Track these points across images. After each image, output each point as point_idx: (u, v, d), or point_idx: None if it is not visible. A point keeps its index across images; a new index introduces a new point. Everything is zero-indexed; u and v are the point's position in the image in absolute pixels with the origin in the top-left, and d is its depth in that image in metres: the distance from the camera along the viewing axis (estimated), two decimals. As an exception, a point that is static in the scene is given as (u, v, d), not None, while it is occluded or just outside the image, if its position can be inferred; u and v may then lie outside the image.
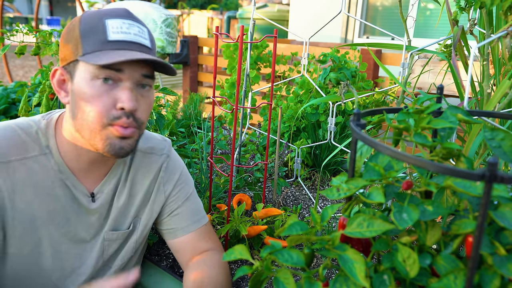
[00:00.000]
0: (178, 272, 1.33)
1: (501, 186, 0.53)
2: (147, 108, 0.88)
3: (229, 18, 7.35)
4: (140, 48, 0.84)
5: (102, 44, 0.81)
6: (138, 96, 0.85)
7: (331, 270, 1.36)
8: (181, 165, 1.11)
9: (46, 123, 0.91)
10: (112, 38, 0.82)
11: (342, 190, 0.60)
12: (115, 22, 0.83)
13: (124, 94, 0.82)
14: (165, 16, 3.68)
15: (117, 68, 0.81)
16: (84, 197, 0.94)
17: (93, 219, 0.97)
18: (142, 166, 1.03)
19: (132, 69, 0.83)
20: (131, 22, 0.85)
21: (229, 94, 2.59)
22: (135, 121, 0.85)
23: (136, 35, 0.84)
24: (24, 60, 9.40)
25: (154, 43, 0.91)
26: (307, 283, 0.58)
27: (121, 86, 0.83)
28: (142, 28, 0.87)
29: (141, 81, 0.86)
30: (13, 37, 1.86)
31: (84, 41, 0.82)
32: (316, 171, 2.32)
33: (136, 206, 1.03)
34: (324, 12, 4.93)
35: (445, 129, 0.66)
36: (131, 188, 1.01)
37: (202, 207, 1.15)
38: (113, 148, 0.84)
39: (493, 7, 1.14)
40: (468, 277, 0.49)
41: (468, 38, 1.39)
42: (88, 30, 0.82)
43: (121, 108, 0.82)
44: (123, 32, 0.83)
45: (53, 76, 0.89)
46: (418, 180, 0.64)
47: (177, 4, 11.36)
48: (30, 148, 0.88)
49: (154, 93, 0.95)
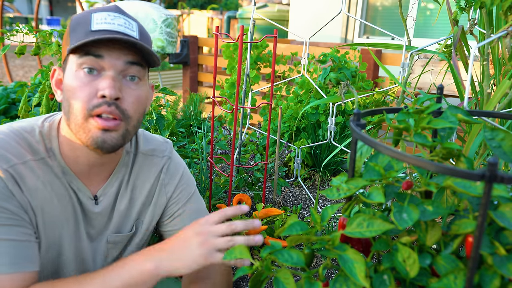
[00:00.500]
0: (178, 272, 1.33)
1: (501, 186, 0.53)
2: (135, 101, 0.85)
3: (229, 18, 7.35)
4: (125, 37, 0.81)
5: (85, 35, 0.80)
6: (123, 86, 0.83)
7: (331, 270, 1.36)
8: (182, 166, 1.10)
9: (49, 126, 0.91)
10: (94, 28, 0.81)
11: (342, 190, 0.60)
12: (100, 14, 0.83)
13: (105, 82, 0.80)
14: (165, 16, 3.68)
15: (96, 54, 0.80)
16: (88, 199, 0.94)
17: (96, 222, 0.97)
18: (144, 168, 1.02)
19: (113, 56, 0.81)
20: (117, 15, 0.84)
21: (229, 94, 2.59)
22: (120, 112, 0.82)
23: (121, 25, 0.83)
24: (24, 60, 9.40)
25: (147, 38, 0.88)
26: (307, 283, 0.58)
27: (103, 75, 0.81)
28: (130, 22, 0.85)
29: (126, 71, 0.83)
30: (13, 37, 1.86)
31: (71, 35, 0.83)
32: (316, 171, 2.32)
33: (138, 209, 1.02)
34: (324, 12, 4.93)
35: (445, 129, 0.66)
36: (132, 191, 1.01)
37: (205, 207, 1.14)
38: (96, 141, 0.82)
39: (493, 7, 1.14)
40: (468, 277, 0.49)
41: (468, 38, 1.39)
42: (76, 24, 0.83)
43: (102, 96, 0.80)
44: (107, 22, 0.82)
45: (52, 76, 0.89)
46: (418, 180, 0.64)
47: (177, 4, 11.36)
48: (38, 150, 0.87)
49: (149, 89, 0.92)
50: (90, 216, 0.95)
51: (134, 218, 1.03)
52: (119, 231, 1.01)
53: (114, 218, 0.99)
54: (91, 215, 0.95)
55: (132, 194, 1.01)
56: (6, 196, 0.79)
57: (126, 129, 0.85)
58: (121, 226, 1.01)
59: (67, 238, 0.92)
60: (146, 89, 0.89)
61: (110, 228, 0.99)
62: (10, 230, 0.79)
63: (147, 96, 0.90)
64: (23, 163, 0.84)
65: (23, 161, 0.84)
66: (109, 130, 0.82)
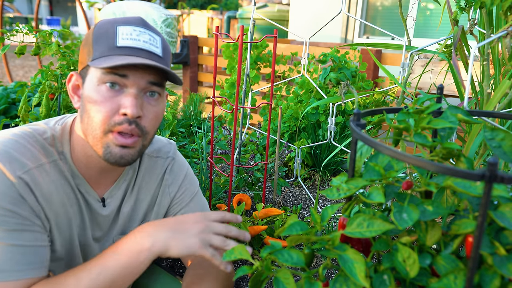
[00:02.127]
0: (178, 272, 1.34)
1: (501, 186, 0.53)
2: (154, 118, 0.86)
3: (229, 18, 7.35)
4: (149, 56, 0.83)
5: (110, 50, 0.81)
6: (144, 103, 0.84)
7: (331, 270, 1.36)
8: (185, 167, 1.11)
9: (61, 129, 0.91)
10: (120, 44, 0.81)
11: (342, 190, 0.60)
12: (126, 29, 0.82)
13: (127, 100, 0.80)
14: (165, 16, 3.68)
15: (121, 74, 0.80)
16: (96, 202, 0.94)
17: (104, 224, 0.97)
18: (149, 170, 1.03)
19: (137, 76, 0.81)
20: (143, 30, 0.84)
21: (229, 94, 2.59)
22: (139, 129, 0.83)
23: (146, 42, 0.83)
24: (24, 60, 9.39)
25: (168, 52, 0.89)
26: (307, 283, 0.58)
27: (126, 92, 0.82)
28: (155, 37, 0.86)
29: (148, 89, 0.84)
30: (13, 37, 1.86)
31: (94, 46, 0.82)
32: (316, 171, 2.32)
33: (144, 210, 1.03)
34: (324, 12, 4.93)
35: (445, 129, 0.66)
36: (138, 192, 1.01)
37: (208, 207, 1.14)
38: (114, 157, 0.83)
39: (493, 7, 1.14)
40: (468, 277, 0.49)
41: (468, 38, 1.39)
42: (100, 35, 0.82)
43: (124, 114, 0.81)
44: (132, 38, 0.82)
45: (69, 81, 0.89)
46: (418, 180, 0.64)
47: (177, 4, 11.36)
48: (51, 152, 0.87)
49: (165, 101, 0.93)
50: (98, 219, 0.96)
51: (140, 219, 1.03)
52: (125, 232, 1.02)
53: (120, 219, 1.00)
54: (99, 217, 0.96)
55: (137, 196, 1.02)
56: (16, 200, 0.78)
57: (143, 144, 0.86)
58: (127, 228, 1.02)
59: (76, 239, 0.93)
60: (164, 103, 0.90)
61: (116, 229, 1.00)
62: (19, 235, 0.78)
63: (164, 109, 0.91)
64: (38, 167, 0.83)
65: (38, 165, 0.83)
66: (128, 147, 0.83)
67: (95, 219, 0.96)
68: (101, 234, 0.98)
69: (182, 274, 1.33)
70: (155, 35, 0.86)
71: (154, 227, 0.82)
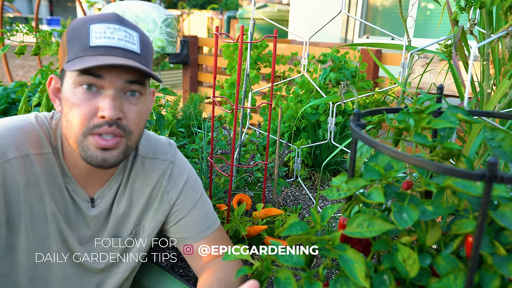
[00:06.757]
0: (178, 272, 1.34)
1: (501, 186, 0.53)
2: (137, 117, 0.83)
3: (229, 18, 7.35)
4: (125, 54, 0.79)
5: (83, 50, 0.78)
6: (124, 103, 0.81)
7: (331, 270, 1.36)
8: (186, 170, 1.05)
9: (55, 124, 0.90)
10: (93, 43, 0.78)
11: (342, 190, 0.60)
12: (99, 27, 0.79)
13: (105, 103, 0.78)
14: (165, 16, 3.68)
15: (96, 74, 0.77)
16: (84, 202, 0.92)
17: (92, 224, 0.95)
18: (143, 172, 0.99)
19: (113, 76, 0.78)
20: (117, 27, 0.80)
21: (229, 94, 2.59)
22: (121, 129, 0.80)
23: (121, 39, 0.80)
24: (24, 60, 9.39)
25: (148, 47, 0.85)
26: (307, 283, 0.58)
27: (103, 94, 0.79)
28: (131, 33, 0.82)
29: (127, 88, 0.81)
30: (13, 37, 1.86)
31: (69, 47, 0.80)
32: (316, 171, 2.32)
33: (137, 213, 0.99)
34: (324, 12, 4.93)
35: (445, 129, 0.66)
36: (131, 195, 0.98)
37: (212, 211, 1.09)
38: (95, 160, 0.80)
39: (493, 7, 1.14)
40: (468, 277, 0.49)
41: (468, 38, 1.39)
42: (73, 36, 0.80)
43: (102, 116, 0.78)
44: (106, 37, 0.79)
45: (49, 84, 0.87)
46: (418, 180, 0.64)
47: (177, 4, 11.35)
48: (45, 144, 0.86)
49: (149, 98, 0.90)
50: (86, 219, 0.94)
51: (133, 222, 1.00)
52: (117, 235, 0.99)
53: (111, 221, 0.97)
54: (86, 217, 0.94)
55: (131, 198, 0.98)
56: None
57: (127, 144, 0.84)
58: (118, 230, 0.99)
59: (52, 238, 0.90)
60: (147, 101, 0.87)
61: (106, 231, 0.97)
62: None
63: (148, 107, 0.88)
64: (20, 157, 0.83)
65: (22, 155, 0.83)
66: (109, 148, 0.81)
67: (82, 219, 0.93)
68: (90, 235, 0.96)
69: (182, 274, 1.33)
70: (132, 31, 0.83)
71: None
